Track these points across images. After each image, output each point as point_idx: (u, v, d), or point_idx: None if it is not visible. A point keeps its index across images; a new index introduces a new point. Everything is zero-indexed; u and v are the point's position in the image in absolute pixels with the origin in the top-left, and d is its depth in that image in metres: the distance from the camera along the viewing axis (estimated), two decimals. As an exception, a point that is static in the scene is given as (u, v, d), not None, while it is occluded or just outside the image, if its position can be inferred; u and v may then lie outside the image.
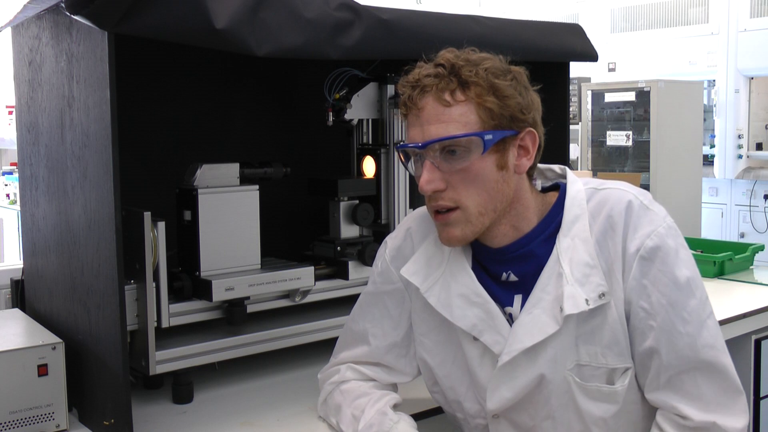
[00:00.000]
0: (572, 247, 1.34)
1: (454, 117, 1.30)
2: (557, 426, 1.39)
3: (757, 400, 2.41)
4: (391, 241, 1.57)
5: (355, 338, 1.58)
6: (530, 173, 1.41)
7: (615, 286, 1.33)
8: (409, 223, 1.56)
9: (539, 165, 1.47)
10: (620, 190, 1.37)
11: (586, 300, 1.31)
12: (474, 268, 1.44)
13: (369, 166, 2.05)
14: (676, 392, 1.32)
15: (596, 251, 1.34)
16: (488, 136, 1.30)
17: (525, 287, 1.39)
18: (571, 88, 2.69)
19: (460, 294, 1.42)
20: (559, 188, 1.44)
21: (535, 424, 1.40)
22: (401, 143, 1.41)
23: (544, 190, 1.47)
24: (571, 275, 1.33)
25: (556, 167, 1.48)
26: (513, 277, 1.41)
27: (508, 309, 1.41)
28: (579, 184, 1.41)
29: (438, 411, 1.62)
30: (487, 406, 1.42)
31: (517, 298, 1.40)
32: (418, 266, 1.47)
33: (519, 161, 1.35)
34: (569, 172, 1.45)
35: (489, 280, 1.43)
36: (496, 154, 1.32)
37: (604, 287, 1.32)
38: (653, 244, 1.31)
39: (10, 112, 6.18)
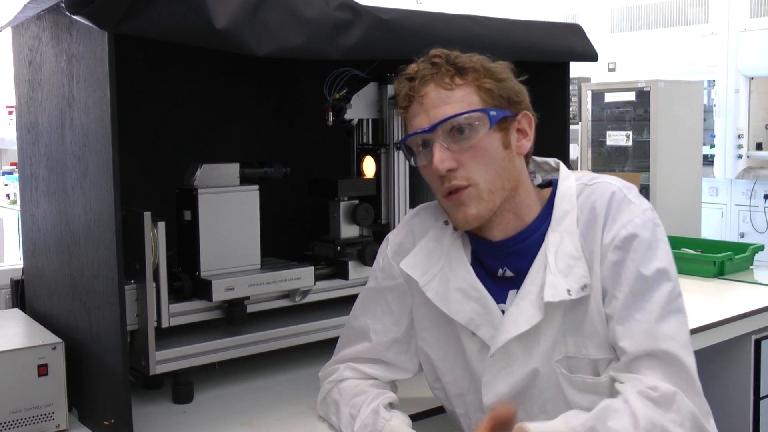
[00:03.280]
0: (559, 241, 1.37)
1: (457, 98, 1.35)
2: (550, 419, 1.39)
3: (757, 400, 2.40)
4: (392, 237, 1.58)
5: (356, 335, 1.58)
6: (526, 159, 1.45)
7: (593, 277, 1.35)
8: (410, 218, 1.57)
9: (536, 158, 1.50)
10: (607, 183, 1.40)
11: (568, 290, 1.33)
12: (472, 264, 1.45)
13: (369, 166, 2.05)
14: (635, 373, 1.30)
15: (581, 243, 1.36)
16: (493, 113, 1.36)
17: (519, 283, 1.40)
18: (571, 88, 2.69)
19: (458, 288, 1.43)
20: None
21: (530, 418, 1.41)
22: (404, 136, 1.43)
23: (543, 186, 1.49)
24: (555, 266, 1.35)
25: (551, 161, 1.51)
26: (509, 273, 1.42)
27: (502, 306, 1.42)
28: (571, 179, 1.43)
29: (437, 411, 1.62)
30: (483, 401, 1.43)
31: (512, 294, 1.41)
32: (417, 260, 1.49)
33: (520, 143, 1.41)
34: (562, 167, 1.47)
35: (485, 277, 1.44)
36: (500, 132, 1.37)
37: (587, 279, 1.34)
38: (627, 233, 1.33)
39: (10, 112, 6.18)
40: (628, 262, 1.32)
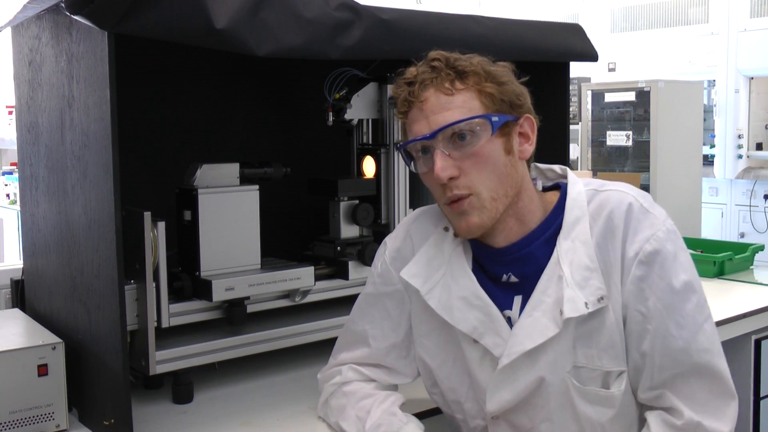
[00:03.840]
0: (572, 250, 1.34)
1: (458, 104, 1.33)
2: (555, 428, 1.39)
3: (757, 400, 2.40)
4: (390, 242, 1.56)
5: (355, 339, 1.58)
6: (528, 164, 1.43)
7: (612, 289, 1.33)
8: (408, 223, 1.56)
9: (540, 165, 1.48)
10: (621, 192, 1.38)
11: (586, 303, 1.31)
12: (474, 270, 1.44)
13: (369, 166, 2.05)
14: (669, 391, 1.33)
15: (596, 254, 1.34)
16: (495, 118, 1.33)
17: (525, 289, 1.39)
18: (571, 88, 2.68)
19: (461, 297, 1.41)
20: (559, 189, 1.44)
21: (534, 426, 1.40)
22: (402, 143, 1.41)
23: (545, 190, 1.47)
24: (571, 278, 1.33)
25: (557, 167, 1.48)
26: (513, 279, 1.40)
27: (507, 312, 1.40)
28: (580, 185, 1.41)
29: (438, 411, 1.62)
30: (486, 408, 1.42)
31: (517, 300, 1.40)
32: (418, 268, 1.47)
33: (522, 147, 1.39)
34: (570, 173, 1.45)
35: (488, 282, 1.43)
36: (502, 138, 1.35)
37: (603, 291, 1.32)
38: (652, 248, 1.31)
39: (10, 112, 6.18)
40: (654, 277, 1.31)
